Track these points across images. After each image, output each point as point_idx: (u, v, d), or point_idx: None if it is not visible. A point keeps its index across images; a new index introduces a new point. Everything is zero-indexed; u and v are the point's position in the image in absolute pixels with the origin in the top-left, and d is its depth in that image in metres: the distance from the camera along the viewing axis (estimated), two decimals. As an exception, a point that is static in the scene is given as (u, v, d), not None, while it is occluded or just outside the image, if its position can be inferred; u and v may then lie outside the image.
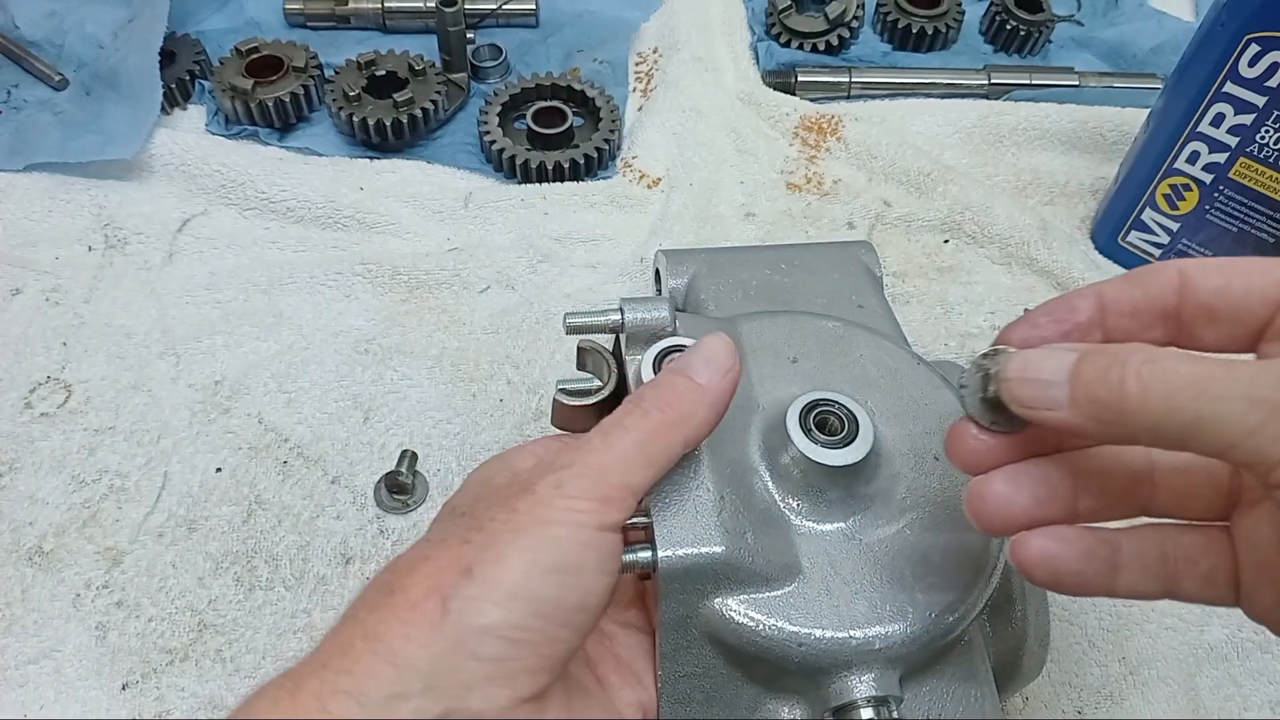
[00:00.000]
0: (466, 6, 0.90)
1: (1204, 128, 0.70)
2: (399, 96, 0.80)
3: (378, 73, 0.83)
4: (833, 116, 0.87)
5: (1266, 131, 0.68)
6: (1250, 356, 0.33)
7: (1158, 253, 0.77)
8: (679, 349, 0.42)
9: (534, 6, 0.92)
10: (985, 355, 0.35)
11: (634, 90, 0.90)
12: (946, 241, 0.80)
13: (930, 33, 0.92)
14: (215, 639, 0.58)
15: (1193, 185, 0.72)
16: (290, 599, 0.60)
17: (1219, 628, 0.61)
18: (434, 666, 0.32)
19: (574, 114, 0.83)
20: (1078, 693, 0.59)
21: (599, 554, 0.35)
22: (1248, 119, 0.68)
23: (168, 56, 0.83)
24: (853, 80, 0.89)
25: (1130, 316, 0.35)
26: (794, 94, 0.89)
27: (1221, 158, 0.70)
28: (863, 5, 0.92)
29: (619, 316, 0.45)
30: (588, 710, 0.38)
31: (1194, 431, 0.30)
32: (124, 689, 0.56)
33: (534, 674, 0.34)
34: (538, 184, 0.81)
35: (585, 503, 0.35)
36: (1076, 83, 0.89)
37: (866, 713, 0.38)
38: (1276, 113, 0.67)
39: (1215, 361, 0.30)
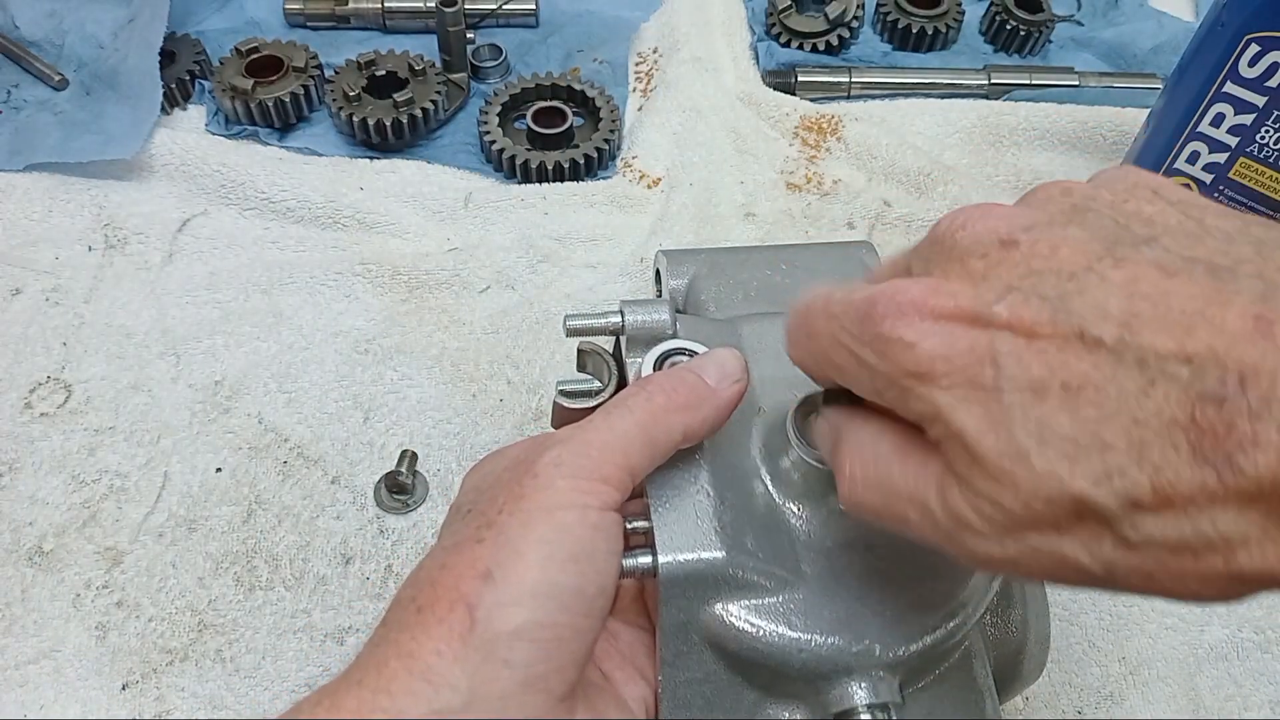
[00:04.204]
0: (466, 6, 0.90)
1: (1204, 128, 0.70)
2: (399, 96, 0.80)
3: (378, 73, 0.83)
4: (833, 116, 0.87)
5: (1266, 131, 0.68)
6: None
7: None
8: (679, 351, 0.42)
9: (534, 6, 0.92)
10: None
11: (634, 90, 0.90)
12: (946, 242, 0.80)
13: (930, 33, 0.92)
14: (215, 639, 0.58)
15: (1193, 185, 0.72)
16: (290, 599, 0.60)
17: (1219, 628, 0.62)
18: (470, 681, 0.32)
19: (574, 114, 0.83)
20: (1078, 693, 0.59)
21: (607, 536, 0.36)
22: (1248, 119, 0.68)
23: (168, 56, 0.83)
24: (853, 80, 0.89)
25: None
26: (794, 94, 0.89)
27: (1221, 158, 0.70)
28: (863, 5, 0.92)
29: (619, 319, 0.44)
30: (606, 709, 0.38)
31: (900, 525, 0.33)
32: (124, 689, 0.56)
33: (564, 671, 0.34)
34: (538, 184, 0.81)
35: (586, 482, 0.35)
36: (1076, 83, 0.89)
37: (866, 718, 0.38)
38: (1276, 113, 0.67)
39: (865, 454, 0.33)
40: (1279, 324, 0.25)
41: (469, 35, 0.86)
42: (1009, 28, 0.92)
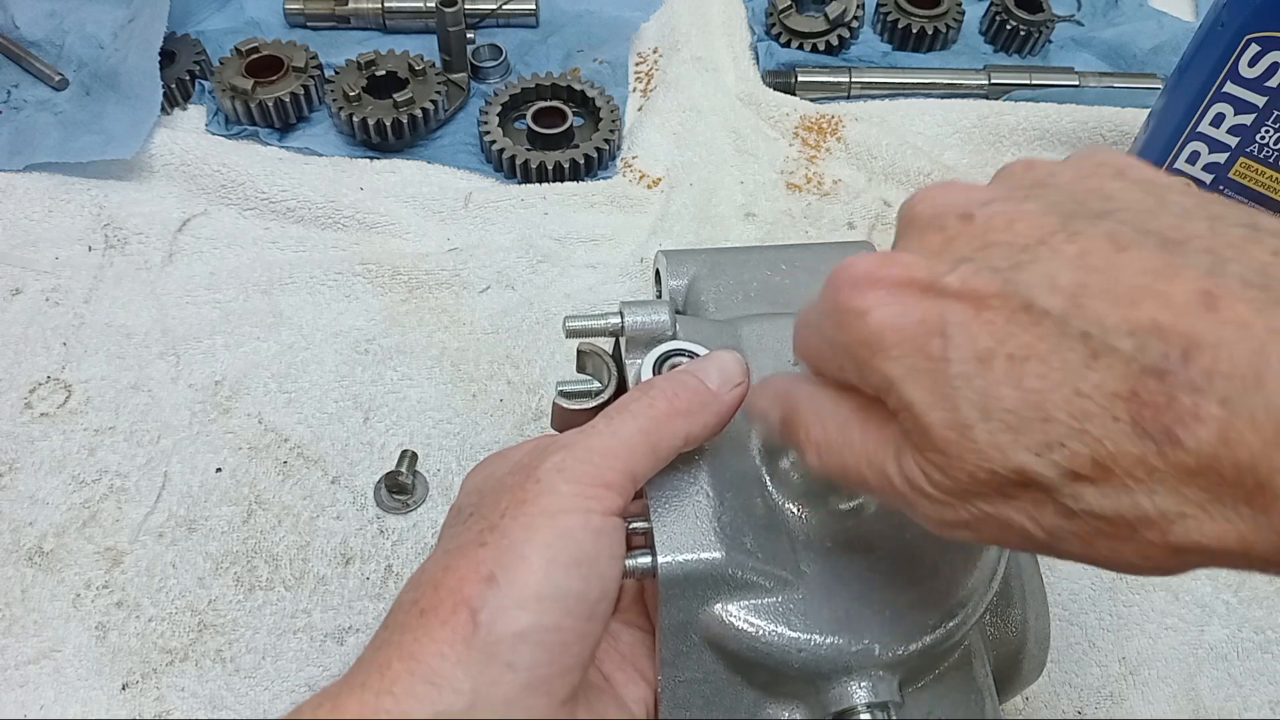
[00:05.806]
0: (466, 6, 0.90)
1: (1204, 128, 0.70)
2: (399, 96, 0.80)
3: (378, 73, 0.83)
4: (833, 116, 0.87)
5: (1266, 131, 0.68)
6: None
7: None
8: (679, 353, 0.43)
9: (534, 6, 0.92)
10: None
11: (634, 90, 0.90)
12: (946, 242, 0.80)
13: (930, 33, 0.92)
14: (215, 639, 0.58)
15: (1192, 186, 0.72)
16: (290, 599, 0.60)
17: (1219, 628, 0.62)
18: (473, 684, 0.32)
19: (574, 114, 0.83)
20: (1078, 693, 0.59)
21: (610, 540, 0.36)
22: (1248, 119, 0.68)
23: (168, 56, 0.83)
24: (853, 80, 0.89)
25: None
26: (794, 94, 0.89)
27: (1221, 158, 0.70)
28: (863, 5, 0.92)
29: (619, 320, 0.44)
30: (606, 711, 0.38)
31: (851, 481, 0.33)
32: (124, 689, 0.56)
33: (567, 674, 0.34)
34: (538, 184, 0.81)
35: (589, 487, 0.35)
36: (1076, 83, 0.89)
37: (865, 718, 0.38)
38: (1276, 113, 0.67)
39: (827, 420, 0.33)
40: (1224, 298, 0.25)
41: (469, 35, 0.86)
42: (1009, 28, 0.92)
